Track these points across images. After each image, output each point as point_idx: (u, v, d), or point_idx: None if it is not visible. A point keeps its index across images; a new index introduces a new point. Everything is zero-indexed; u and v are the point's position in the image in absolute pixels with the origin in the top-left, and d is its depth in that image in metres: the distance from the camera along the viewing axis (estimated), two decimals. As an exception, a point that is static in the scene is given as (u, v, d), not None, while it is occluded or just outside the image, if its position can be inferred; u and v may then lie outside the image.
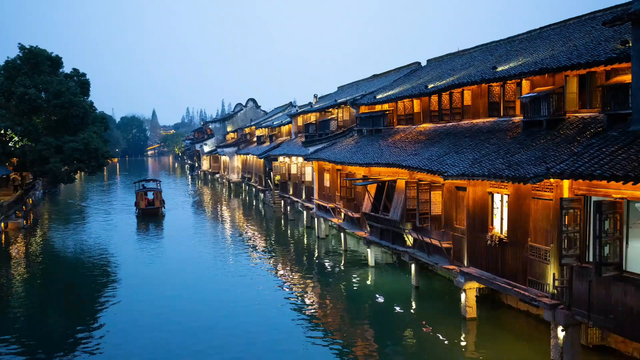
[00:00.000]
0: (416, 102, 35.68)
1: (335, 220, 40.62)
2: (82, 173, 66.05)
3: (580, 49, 22.39)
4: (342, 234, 39.90)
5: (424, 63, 45.85)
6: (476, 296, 24.59)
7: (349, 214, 37.47)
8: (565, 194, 18.53)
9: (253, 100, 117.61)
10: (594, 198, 17.57)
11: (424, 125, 34.28)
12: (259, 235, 48.85)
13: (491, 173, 20.72)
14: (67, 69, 72.51)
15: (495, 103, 27.15)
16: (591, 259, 17.51)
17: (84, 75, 71.56)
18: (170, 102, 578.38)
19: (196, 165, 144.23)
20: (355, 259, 37.28)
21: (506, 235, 21.76)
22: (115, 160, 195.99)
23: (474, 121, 28.84)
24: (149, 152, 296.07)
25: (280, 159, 61.91)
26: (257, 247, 43.09)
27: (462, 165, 23.54)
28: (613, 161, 16.30)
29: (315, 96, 67.65)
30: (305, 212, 51.77)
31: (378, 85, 47.49)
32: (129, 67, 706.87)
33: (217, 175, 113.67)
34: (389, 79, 48.03)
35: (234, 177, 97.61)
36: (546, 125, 22.13)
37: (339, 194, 40.42)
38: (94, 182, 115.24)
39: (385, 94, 40.99)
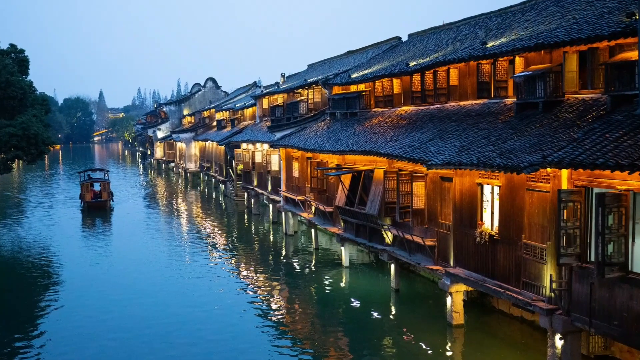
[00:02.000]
0: (396, 81, 35.74)
1: (305, 214, 40.74)
2: (20, 162, 65.34)
3: (580, 22, 22.34)
4: (312, 230, 40.14)
5: (405, 38, 46.05)
6: (463, 300, 24.59)
7: (321, 207, 37.46)
8: (564, 186, 18.48)
9: (213, 79, 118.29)
10: (596, 190, 17.53)
11: (405, 107, 34.32)
12: (220, 232, 49.21)
13: (480, 162, 20.67)
14: (3, 44, 71.46)
15: (485, 83, 27.18)
16: (593, 259, 17.45)
17: (22, 51, 70.47)
18: (119, 82, 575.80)
19: (149, 152, 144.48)
20: (327, 259, 37.53)
21: (497, 231, 21.75)
22: (58, 147, 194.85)
23: (461, 103, 28.86)
24: (96, 138, 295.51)
25: (244, 145, 62.00)
26: (217, 245, 43.36)
27: (447, 153, 23.51)
28: (617, 148, 16.22)
29: (282, 75, 68.01)
30: (271, 206, 51.94)
31: (353, 63, 47.64)
32: (73, 42, 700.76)
33: (172, 164, 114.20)
34: (365, 56, 48.17)
35: (191, 166, 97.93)
36: (542, 107, 22.10)
37: (309, 186, 40.37)
38: (34, 172, 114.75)
39: (361, 73, 41.03)
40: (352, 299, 28.91)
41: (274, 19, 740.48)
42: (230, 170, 69.12)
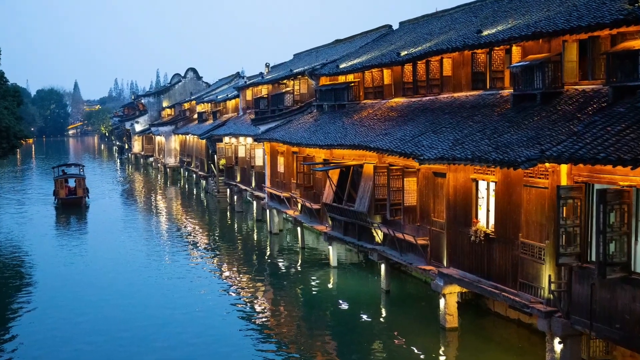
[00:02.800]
0: (387, 72, 35.69)
1: (290, 212, 40.72)
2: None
3: (580, 9, 22.31)
4: (298, 229, 40.11)
5: (395, 26, 45.97)
6: (457, 302, 24.50)
7: (307, 204, 37.40)
8: (563, 182, 18.45)
9: (194, 70, 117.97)
10: (597, 186, 17.49)
11: (396, 99, 34.30)
12: (201, 230, 49.25)
13: (475, 156, 20.62)
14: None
15: (480, 73, 27.17)
16: (594, 258, 17.42)
17: (-9, 39, 70.13)
18: (95, 73, 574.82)
19: (126, 147, 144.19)
20: (314, 258, 37.54)
21: (493, 230, 21.75)
22: (31, 141, 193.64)
23: (455, 95, 28.84)
24: (71, 132, 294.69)
25: (226, 139, 61.83)
26: (198, 245, 43.38)
27: (441, 147, 23.45)
28: (620, 142, 16.19)
29: (267, 65, 67.91)
30: (255, 203, 51.94)
31: (341, 53, 47.57)
32: (47, 31, 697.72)
33: (151, 159, 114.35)
34: (354, 45, 48.09)
35: (171, 161, 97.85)
36: (540, 99, 22.09)
37: (295, 182, 40.29)
38: (5, 167, 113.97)
39: (350, 63, 40.98)
40: (340, 301, 28.93)
41: (259, 5, 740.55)
42: (212, 165, 68.99)
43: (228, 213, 57.20)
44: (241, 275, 34.44)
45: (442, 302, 24.17)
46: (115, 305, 28.68)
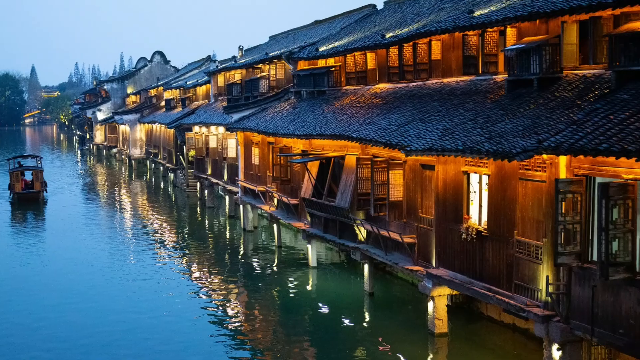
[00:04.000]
0: (370, 55, 35.69)
1: (266, 207, 40.77)
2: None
3: (580, -13, 22.20)
4: (275, 226, 40.14)
5: (380, 6, 46.38)
6: (447, 305, 24.57)
7: (284, 199, 37.40)
8: (562, 174, 18.42)
9: (161, 53, 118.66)
10: (598, 179, 17.49)
11: (381, 85, 34.34)
12: (169, 228, 49.48)
13: (467, 147, 20.57)
14: None
15: (471, 57, 27.09)
16: (595, 258, 17.39)
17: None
18: (54, 57, 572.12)
19: (87, 137, 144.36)
20: (291, 258, 37.73)
21: (486, 227, 21.73)
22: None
23: (445, 80, 28.87)
24: (27, 120, 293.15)
25: (196, 129, 62.09)
26: (165, 243, 43.54)
27: (429, 137, 23.38)
28: (623, 131, 16.15)
29: (240, 48, 68.12)
30: (227, 198, 52.07)
31: (321, 35, 47.73)
32: (1, 11, 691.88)
33: (115, 150, 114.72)
34: (335, 26, 48.28)
35: (136, 152, 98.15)
36: (537, 85, 22.08)
37: (271, 174, 40.26)
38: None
39: (330, 46, 41.08)
40: (320, 304, 29.02)
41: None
42: (180, 157, 68.97)
43: (198, 209, 57.35)
44: (212, 277, 34.50)
45: (430, 305, 24.13)
46: (76, 310, 28.64)
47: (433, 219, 24.51)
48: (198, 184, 61.70)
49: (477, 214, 22.36)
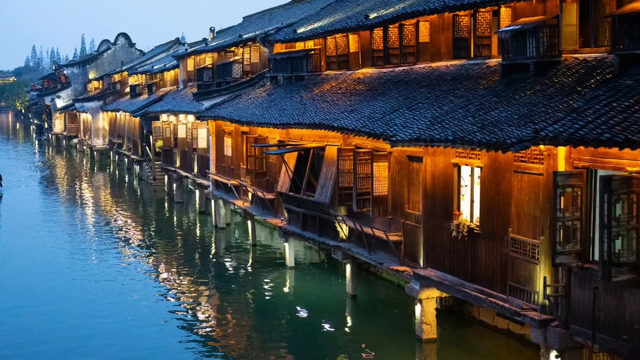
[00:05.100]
0: (353, 38, 35.70)
1: (239, 203, 40.93)
2: None
3: (580, -37, 22.20)
4: (249, 223, 40.30)
5: (363, -15, 45.67)
6: (436, 309, 24.56)
7: (259, 194, 37.38)
8: (561, 167, 18.44)
9: (125, 35, 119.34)
10: (600, 172, 17.48)
11: (364, 70, 34.36)
12: (134, 224, 49.72)
13: (457, 137, 20.54)
14: None
15: (462, 40, 27.10)
16: (597, 257, 17.33)
17: None
18: (9, 39, 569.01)
19: (46, 126, 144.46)
20: (268, 257, 37.86)
21: (478, 223, 21.76)
22: None
23: (434, 65, 28.88)
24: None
25: (163, 117, 62.17)
26: (130, 241, 43.67)
27: (416, 126, 23.34)
28: (627, 120, 16.14)
29: (212, 30, 68.54)
30: (197, 192, 52.24)
31: (300, 15, 47.86)
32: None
33: (75, 140, 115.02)
34: (314, 6, 48.50)
35: (99, 142, 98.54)
36: (534, 70, 22.09)
37: (245, 167, 40.29)
38: None
39: (309, 27, 41.11)
40: (298, 308, 29.13)
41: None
42: (147, 147, 69.01)
43: (166, 204, 57.69)
44: (181, 278, 34.53)
45: (418, 309, 24.09)
46: (34, 313, 28.58)
47: (421, 215, 24.50)
48: (166, 177, 61.81)
49: (469, 209, 22.39)
